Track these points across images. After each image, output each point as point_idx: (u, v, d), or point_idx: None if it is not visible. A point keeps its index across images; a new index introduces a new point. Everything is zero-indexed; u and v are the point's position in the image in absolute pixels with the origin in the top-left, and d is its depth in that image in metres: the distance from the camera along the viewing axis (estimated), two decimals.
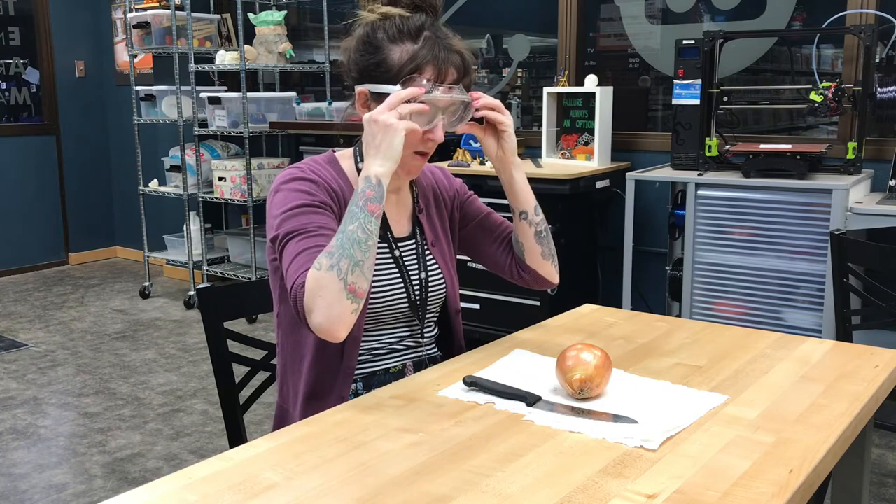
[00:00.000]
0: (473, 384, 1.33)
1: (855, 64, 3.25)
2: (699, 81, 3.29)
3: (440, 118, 1.39)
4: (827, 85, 3.02)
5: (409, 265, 1.53)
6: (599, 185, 3.61)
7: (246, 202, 4.64)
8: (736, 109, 3.45)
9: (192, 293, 4.94)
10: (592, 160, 3.67)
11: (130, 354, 4.07)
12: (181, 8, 4.64)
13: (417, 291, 1.53)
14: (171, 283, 5.61)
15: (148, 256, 5.21)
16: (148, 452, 2.96)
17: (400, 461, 1.09)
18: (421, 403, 1.29)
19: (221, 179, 4.74)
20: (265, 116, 4.80)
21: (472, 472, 1.06)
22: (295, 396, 1.48)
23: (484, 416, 1.24)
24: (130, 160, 5.66)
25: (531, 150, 4.03)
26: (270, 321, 3.93)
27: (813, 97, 3.03)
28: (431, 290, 1.55)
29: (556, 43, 4.11)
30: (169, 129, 5.37)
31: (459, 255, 1.67)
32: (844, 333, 2.12)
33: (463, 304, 1.98)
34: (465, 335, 1.66)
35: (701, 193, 3.16)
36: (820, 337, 2.73)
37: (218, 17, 5.14)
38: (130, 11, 4.99)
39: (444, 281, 1.58)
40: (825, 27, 3.33)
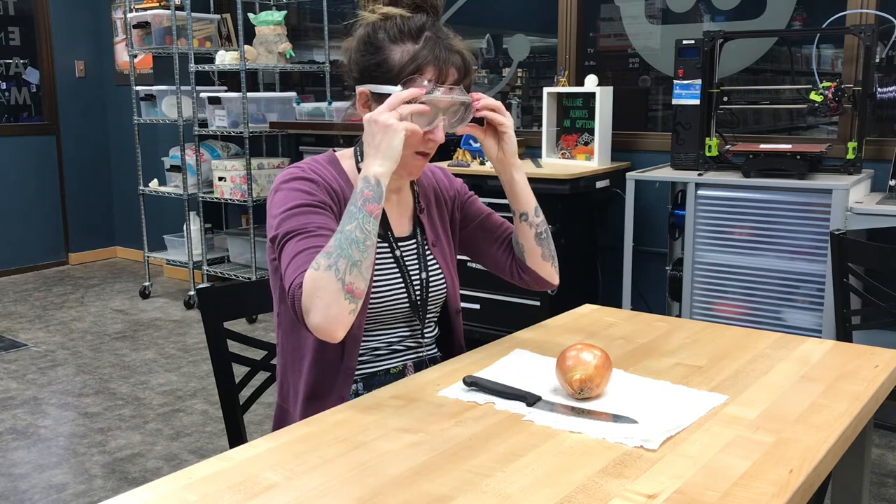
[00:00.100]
0: (473, 384, 1.33)
1: (855, 64, 3.25)
2: (699, 81, 3.29)
3: (441, 119, 1.39)
4: (827, 85, 3.02)
5: (409, 265, 1.53)
6: (599, 185, 3.62)
7: (246, 202, 4.64)
8: (736, 109, 3.45)
9: (192, 293, 4.94)
10: (592, 160, 3.67)
11: (130, 354, 4.07)
12: (181, 8, 4.64)
13: (418, 291, 1.53)
14: (171, 283, 5.61)
15: (148, 256, 5.22)
16: (148, 452, 2.96)
17: (400, 461, 1.09)
18: (421, 403, 1.29)
19: (221, 179, 4.74)
20: (265, 116, 4.80)
21: (472, 472, 1.06)
22: (295, 396, 1.48)
23: (484, 416, 1.24)
24: (130, 160, 5.66)
25: (531, 149, 4.03)
26: (270, 321, 3.93)
27: (813, 97, 3.03)
28: (432, 290, 1.55)
29: (556, 43, 4.11)
30: (169, 129, 5.37)
31: (460, 255, 1.67)
32: (844, 333, 2.12)
33: (463, 304, 1.98)
34: (465, 335, 1.66)
35: (701, 193, 3.17)
36: (820, 337, 2.73)
37: (218, 17, 5.14)
38: (130, 11, 4.99)
39: (444, 281, 1.58)
40: (825, 27, 3.33)
